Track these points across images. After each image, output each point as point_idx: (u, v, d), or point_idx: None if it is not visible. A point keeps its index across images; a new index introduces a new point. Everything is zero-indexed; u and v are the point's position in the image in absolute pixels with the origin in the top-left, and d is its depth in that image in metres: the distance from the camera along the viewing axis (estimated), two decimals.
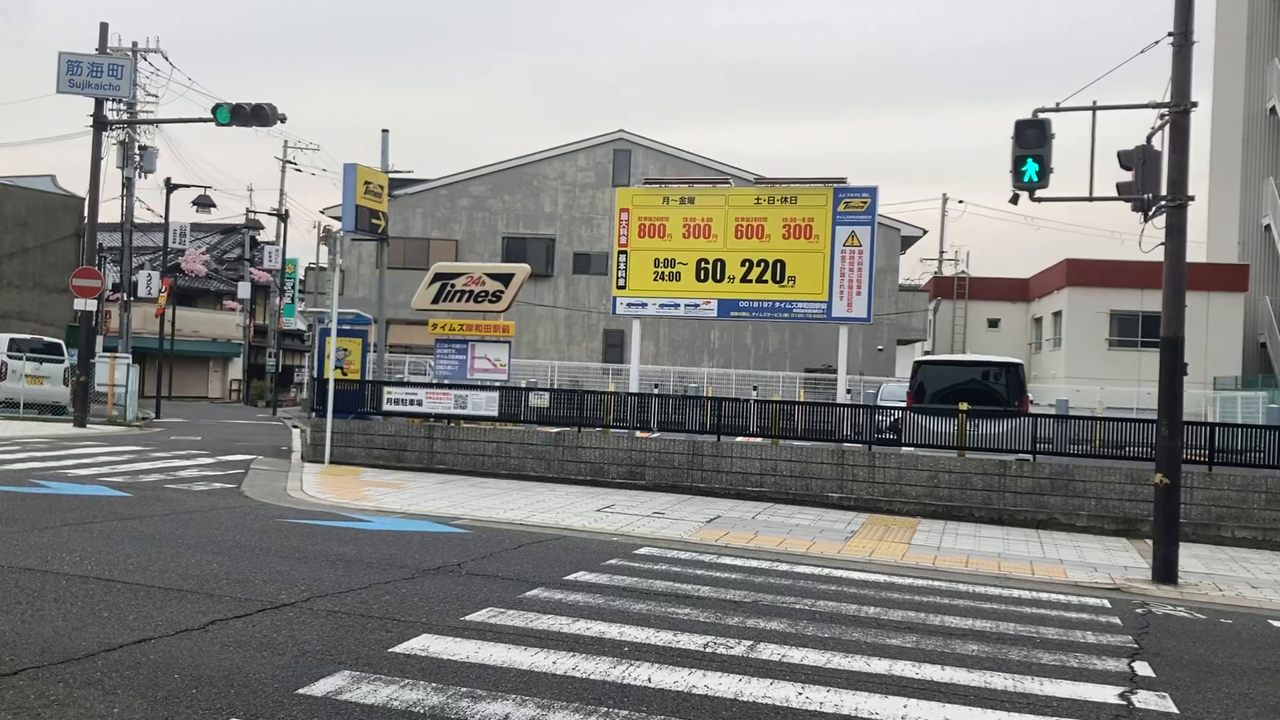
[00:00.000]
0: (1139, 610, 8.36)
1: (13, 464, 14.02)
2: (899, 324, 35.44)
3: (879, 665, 5.81)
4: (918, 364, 17.54)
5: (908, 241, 37.70)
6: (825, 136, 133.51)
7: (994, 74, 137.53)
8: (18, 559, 7.31)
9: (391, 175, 20.85)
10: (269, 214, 47.05)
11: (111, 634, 5.42)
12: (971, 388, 15.90)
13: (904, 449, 14.55)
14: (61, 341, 26.74)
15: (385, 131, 21.84)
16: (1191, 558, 11.08)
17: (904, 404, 16.20)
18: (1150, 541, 10.35)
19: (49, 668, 4.77)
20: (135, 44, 32.63)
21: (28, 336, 26.46)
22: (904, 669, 5.77)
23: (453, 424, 16.32)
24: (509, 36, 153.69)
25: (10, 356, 24.66)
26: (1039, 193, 10.48)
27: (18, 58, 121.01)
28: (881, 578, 9.02)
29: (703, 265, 16.40)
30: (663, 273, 16.60)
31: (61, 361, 25.39)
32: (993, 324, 43.51)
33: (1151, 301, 25.00)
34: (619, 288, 16.96)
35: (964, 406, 14.33)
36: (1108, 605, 8.46)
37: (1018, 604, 8.21)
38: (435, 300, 17.82)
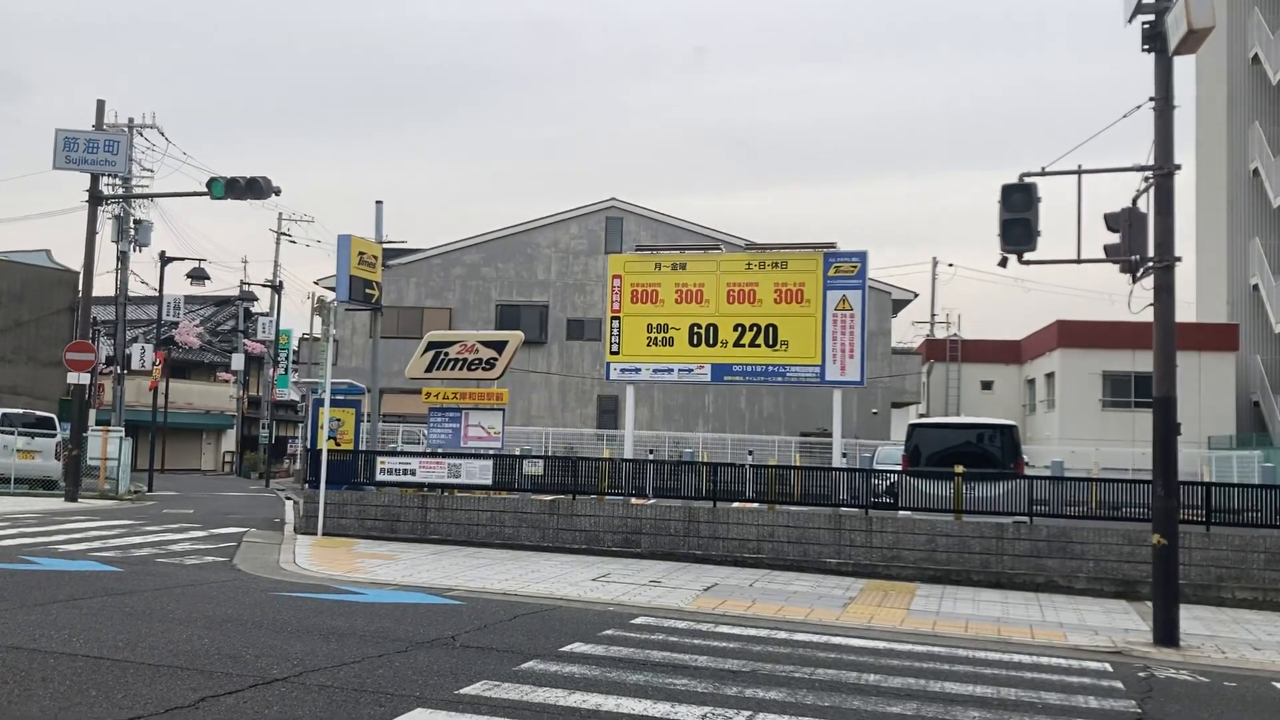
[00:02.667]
0: (1141, 674, 8.27)
1: (2, 540, 13.88)
2: (893, 387, 35.49)
3: None
4: (912, 427, 17.54)
5: (899, 304, 37.92)
6: (816, 201, 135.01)
7: (983, 138, 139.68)
8: (5, 637, 7.21)
9: (385, 245, 20.96)
10: (263, 285, 47.23)
11: (100, 713, 5.34)
12: (967, 450, 15.88)
13: (901, 513, 14.50)
14: (54, 415, 26.63)
15: (379, 203, 22.00)
16: (1193, 619, 10.98)
17: (900, 467, 16.17)
18: (1150, 603, 10.27)
19: None
20: (131, 120, 33.03)
21: (19, 411, 26.36)
22: None
23: (446, 493, 16.23)
24: (501, 107, 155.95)
25: (1, 431, 24.55)
26: (1027, 256, 10.57)
27: (16, 134, 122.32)
28: (881, 644, 8.92)
29: (695, 330, 16.47)
30: (656, 338, 16.66)
31: (54, 435, 25.27)
32: (986, 386, 43.59)
33: (1143, 362, 25.15)
34: (612, 353, 17.01)
35: (959, 469, 14.31)
36: (1109, 669, 8.37)
37: (1018, 669, 8.12)
38: (429, 369, 17.83)
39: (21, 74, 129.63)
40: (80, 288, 26.84)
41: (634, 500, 15.61)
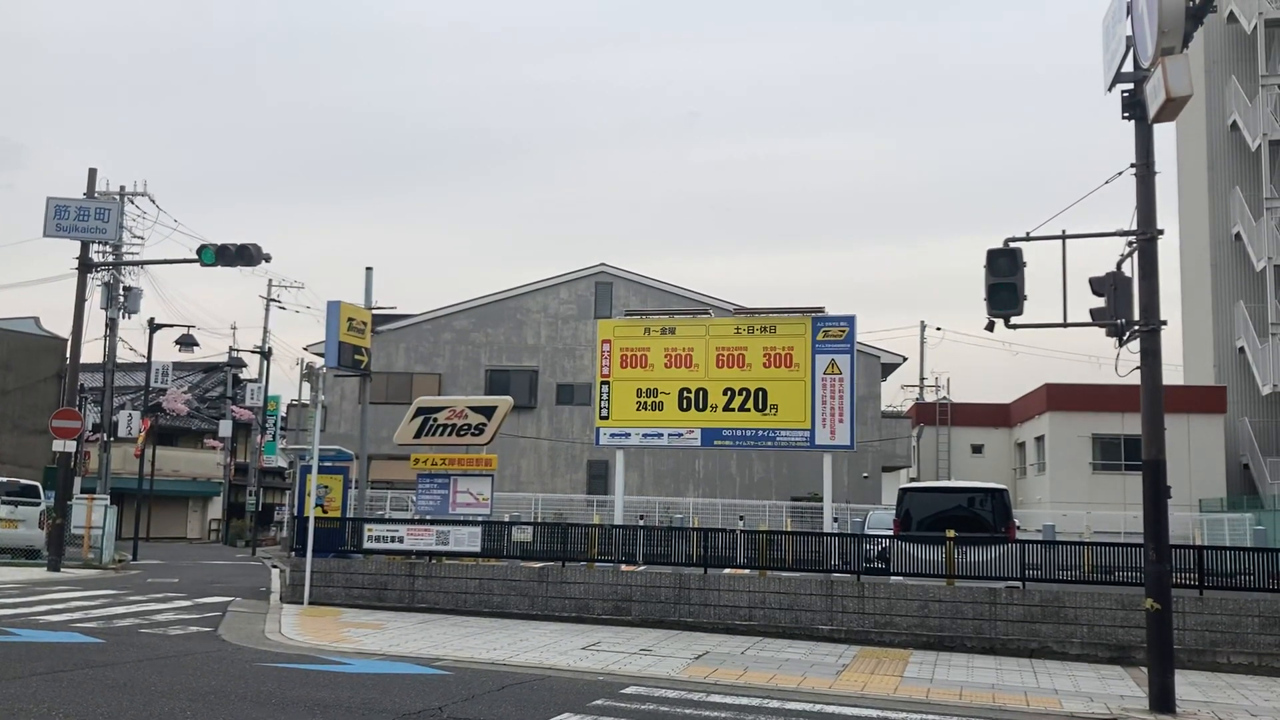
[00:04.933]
0: None
1: None
2: (884, 451, 35.46)
3: None
4: (903, 491, 17.49)
5: (888, 368, 38.04)
6: (805, 266, 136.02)
7: (970, 203, 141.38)
8: None
9: (375, 311, 21.01)
10: (252, 351, 47.19)
11: None
12: (958, 514, 15.83)
13: (893, 578, 14.39)
14: (38, 484, 26.38)
15: (369, 269, 22.09)
16: (1189, 685, 10.87)
17: (891, 532, 16.09)
18: (1145, 669, 10.17)
19: None
20: (123, 187, 33.23)
21: (3, 479, 26.12)
22: None
23: (434, 561, 16.07)
24: (493, 173, 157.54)
25: None
26: (1014, 320, 10.64)
27: (9, 200, 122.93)
28: (874, 713, 8.80)
29: (685, 395, 16.47)
30: (645, 402, 16.66)
31: (38, 504, 25.01)
32: (976, 449, 43.57)
33: (1133, 424, 25.21)
34: (602, 418, 16.98)
35: (951, 534, 14.25)
36: None
37: None
38: (418, 434, 17.77)
39: (16, 139, 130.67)
40: (68, 355, 26.81)
41: (624, 567, 15.48)
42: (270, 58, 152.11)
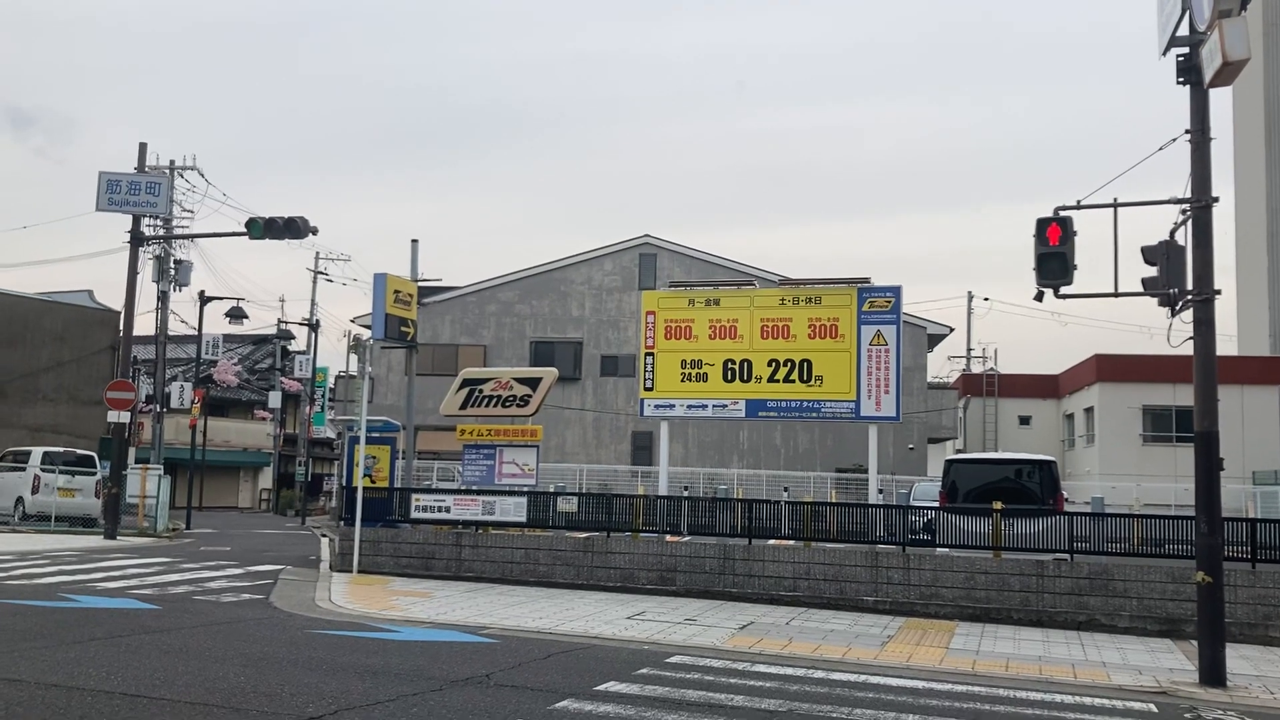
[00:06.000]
0: (1187, 715, 8.09)
1: (42, 578, 14.02)
2: (929, 422, 35.21)
3: None
4: (949, 463, 17.36)
5: (934, 339, 37.70)
6: (850, 236, 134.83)
7: (1019, 172, 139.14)
8: (44, 675, 7.26)
9: (420, 283, 21.14)
10: (300, 324, 47.75)
11: None
12: (1005, 486, 15.69)
13: (939, 550, 14.33)
14: (94, 454, 26.95)
15: (415, 241, 22.20)
16: (1240, 659, 10.74)
17: (937, 503, 16.00)
18: (1195, 642, 10.06)
19: None
20: (173, 162, 33.64)
21: (60, 449, 26.71)
22: None
23: (480, 531, 16.23)
24: (539, 145, 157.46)
25: (43, 470, 24.88)
26: (1064, 289, 10.49)
27: (61, 174, 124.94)
28: (920, 684, 8.79)
29: (729, 366, 16.44)
30: (690, 374, 16.65)
31: (94, 474, 25.56)
32: (1024, 421, 43.14)
33: (1184, 396, 24.80)
34: (646, 390, 17.01)
35: (998, 505, 14.14)
36: (1154, 710, 8.19)
37: (1061, 709, 7.96)
38: (463, 406, 17.90)
39: (69, 114, 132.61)
40: (121, 327, 27.27)
41: (669, 538, 15.53)
42: (314, 32, 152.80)
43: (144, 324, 33.97)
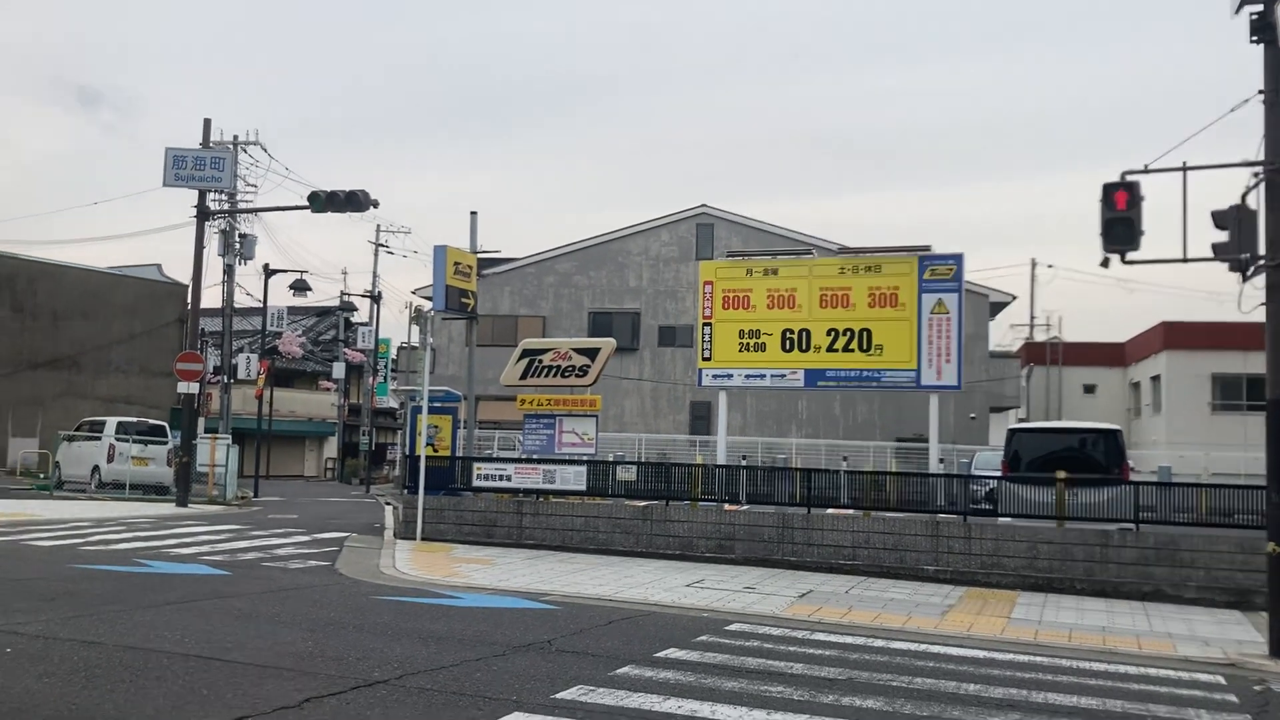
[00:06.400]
0: (1256, 687, 7.96)
1: (118, 544, 14.45)
2: (991, 391, 34.78)
3: None
4: (1012, 432, 17.16)
5: (996, 307, 37.16)
6: (911, 203, 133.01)
7: (1084, 135, 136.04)
8: (122, 637, 7.51)
9: (480, 255, 21.27)
10: (362, 296, 48.35)
11: (210, 712, 5.52)
12: (1069, 455, 15.49)
13: (1000, 519, 14.20)
14: (165, 424, 27.63)
15: (474, 213, 22.31)
16: None
17: (999, 473, 15.84)
18: (1266, 614, 9.88)
19: None
20: (236, 137, 34.04)
21: (133, 419, 27.41)
22: None
23: (541, 499, 16.39)
24: (595, 115, 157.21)
25: (118, 439, 25.56)
26: (1131, 255, 10.28)
27: (130, 151, 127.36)
28: (981, 653, 8.75)
29: (788, 335, 16.36)
30: (748, 344, 16.60)
31: (165, 443, 26.20)
32: (1088, 389, 42.44)
33: (1255, 363, 24.16)
34: (704, 360, 17.00)
35: (1062, 475, 13.96)
36: (1222, 682, 8.07)
37: (1125, 680, 7.88)
38: (523, 376, 18.04)
39: (136, 90, 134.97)
40: (189, 300, 27.84)
41: (727, 506, 15.57)
42: (371, 7, 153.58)
43: (211, 297, 34.58)
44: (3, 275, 36.88)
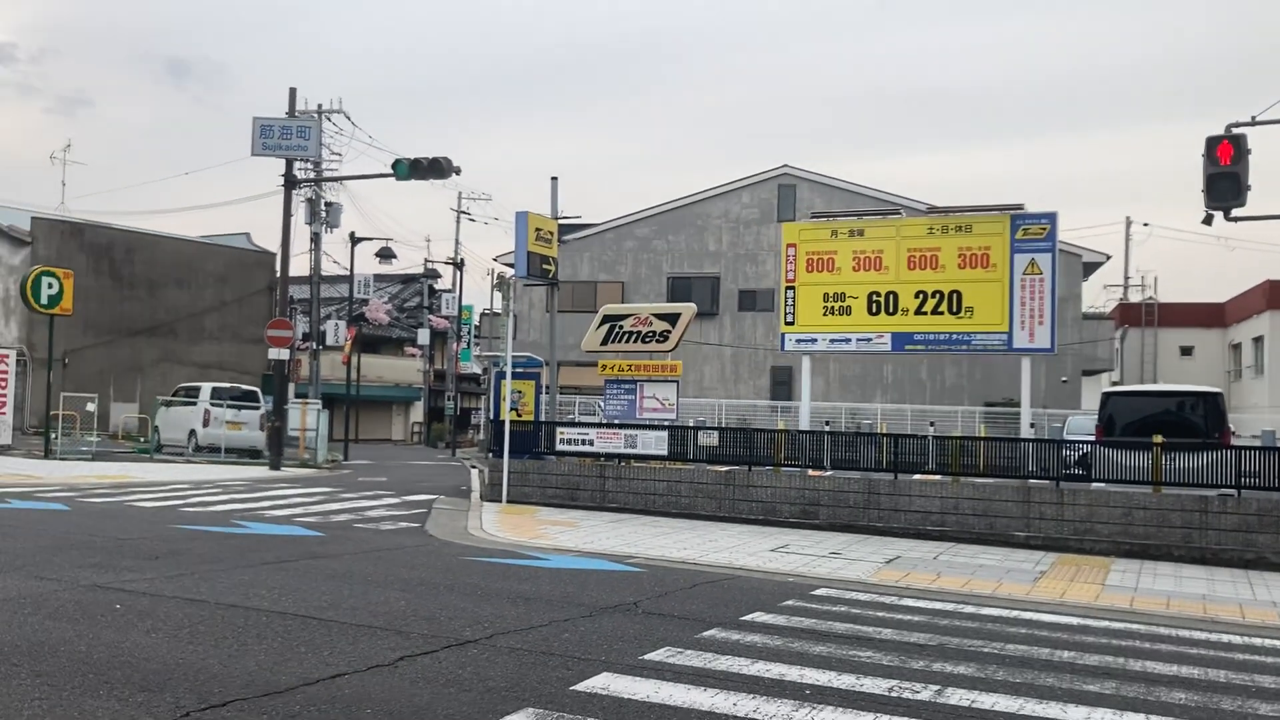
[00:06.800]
0: None
1: (216, 505, 14.89)
2: (1083, 354, 33.94)
3: (1076, 713, 5.50)
4: (1106, 395, 16.71)
5: (1090, 268, 36.17)
6: (1001, 161, 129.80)
7: (1183, 89, 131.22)
8: (223, 596, 7.73)
9: (560, 221, 21.35)
10: (445, 263, 48.93)
11: (309, 669, 5.65)
12: (1166, 419, 15.04)
13: (1094, 485, 13.86)
14: (258, 389, 28.35)
15: (554, 179, 22.40)
16: None
17: (1092, 437, 15.45)
18: None
19: (254, 700, 5.00)
20: (320, 106, 34.56)
21: (227, 385, 28.17)
22: (1104, 717, 5.45)
23: (623, 463, 16.46)
24: (672, 75, 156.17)
25: (212, 404, 26.30)
26: (1235, 212, 9.90)
27: (218, 121, 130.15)
28: (1075, 620, 8.57)
29: (874, 298, 16.11)
30: (832, 307, 16.39)
31: (258, 408, 26.89)
32: (1185, 352, 41.17)
33: None
34: (787, 324, 16.83)
35: (1158, 439, 13.57)
36: None
37: (1228, 649, 7.65)
38: (604, 342, 18.09)
39: (223, 62, 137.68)
40: (278, 268, 28.41)
41: (811, 472, 15.46)
42: None
43: (298, 265, 35.26)
44: (101, 245, 38.05)
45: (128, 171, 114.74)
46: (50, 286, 24.74)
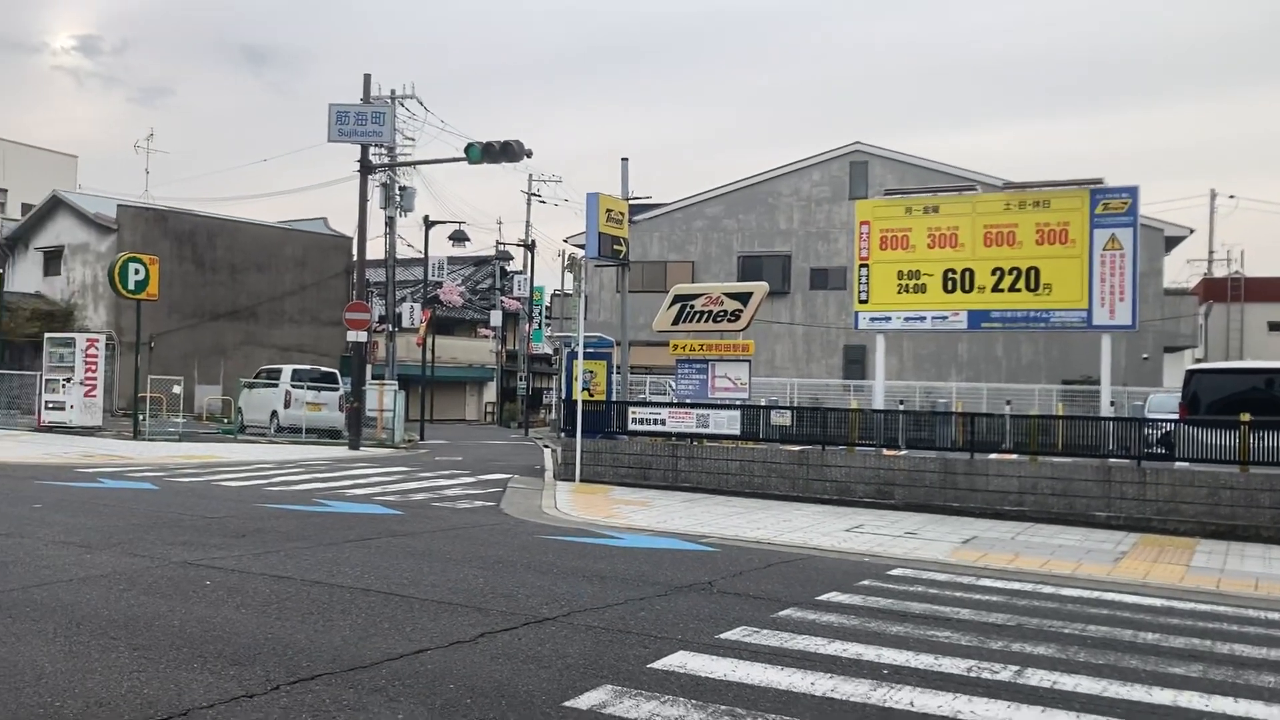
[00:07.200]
0: None
1: (299, 485, 15.24)
2: (1165, 331, 33.11)
3: (1162, 695, 5.42)
4: (1191, 373, 16.29)
5: (1172, 242, 35.21)
6: (1077, 135, 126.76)
7: (1272, 56, 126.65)
8: (308, 573, 7.93)
9: (630, 201, 21.35)
10: (516, 245, 49.31)
11: (392, 644, 5.79)
12: (1254, 397, 14.62)
13: (1177, 464, 13.55)
14: (336, 371, 28.91)
15: (625, 160, 22.40)
16: None
17: (1175, 416, 15.09)
18: None
19: (340, 674, 5.14)
20: (394, 91, 34.90)
21: (307, 367, 28.79)
22: (1191, 700, 5.35)
23: (695, 443, 16.48)
24: (740, 54, 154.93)
25: (294, 386, 26.88)
26: None
27: (294, 108, 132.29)
28: (1158, 602, 8.41)
29: (950, 276, 15.88)
30: (907, 285, 16.21)
31: (336, 389, 27.43)
32: (1274, 327, 39.95)
33: None
34: (861, 302, 16.68)
35: (1246, 417, 13.20)
36: None
37: None
38: (675, 321, 18.10)
39: (300, 49, 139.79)
40: (354, 252, 28.88)
41: (886, 451, 15.34)
42: None
43: (374, 248, 35.80)
44: (184, 232, 39.00)
45: (207, 158, 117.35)
46: (137, 272, 25.43)
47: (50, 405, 26.01)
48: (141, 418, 25.37)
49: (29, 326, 34.56)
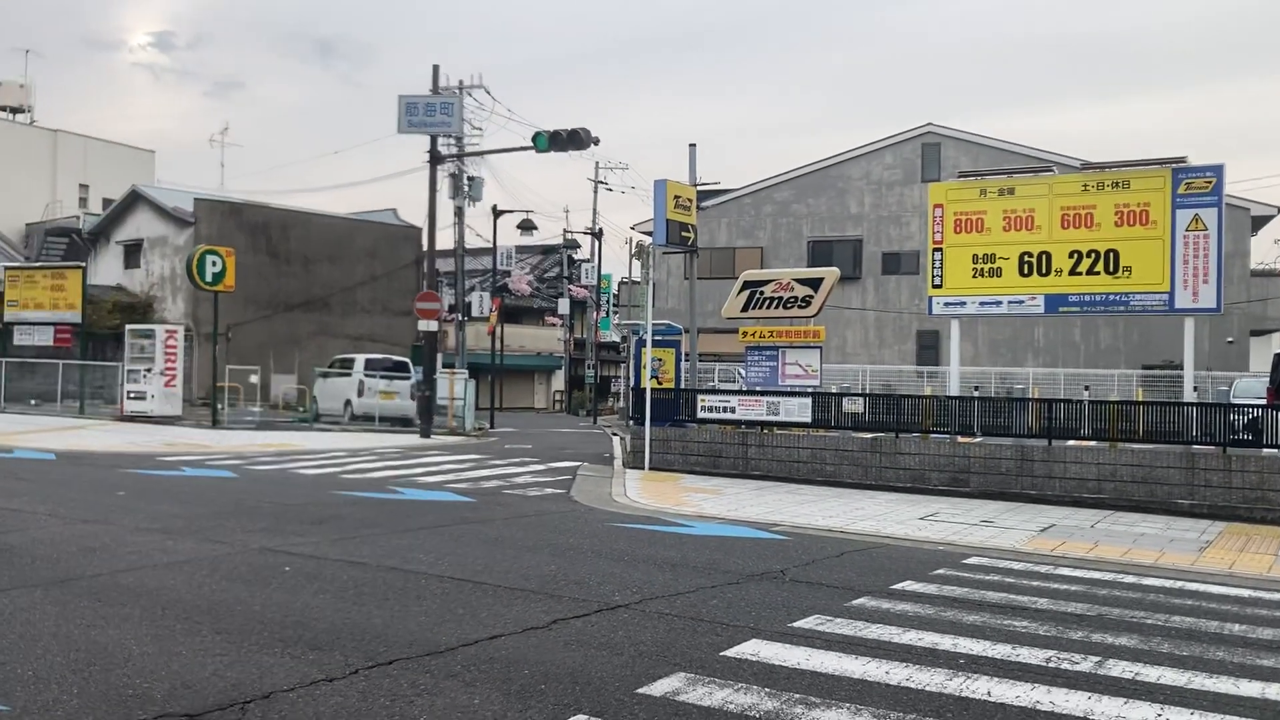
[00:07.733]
0: None
1: (373, 472, 15.47)
2: (1252, 313, 32.13)
3: (1250, 688, 5.26)
4: (1279, 356, 15.80)
5: (1260, 221, 34.13)
6: (1159, 113, 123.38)
7: None
8: (384, 559, 8.04)
9: (698, 188, 21.27)
10: (583, 233, 49.44)
11: (467, 630, 5.84)
12: None
13: (1265, 450, 13.15)
14: (408, 360, 29.27)
15: (692, 146, 22.28)
16: None
17: (1263, 401, 14.64)
18: None
19: (417, 659, 5.21)
20: (461, 81, 35.15)
21: (379, 356, 29.19)
22: None
23: (765, 430, 16.39)
24: (808, 36, 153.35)
25: (366, 375, 27.29)
26: None
27: (362, 99, 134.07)
28: (1246, 592, 8.17)
29: (1026, 259, 15.56)
30: (982, 269, 15.91)
31: (408, 378, 27.78)
32: None
33: None
34: (934, 287, 16.42)
35: None
36: None
37: None
38: (744, 308, 18.00)
39: (368, 41, 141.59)
40: (424, 242, 29.19)
41: (961, 438, 15.10)
42: None
43: (443, 238, 36.10)
44: (258, 224, 39.74)
45: (279, 151, 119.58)
46: (214, 265, 25.97)
47: (132, 395, 26.73)
48: (220, 406, 25.93)
49: (110, 319, 35.49)
